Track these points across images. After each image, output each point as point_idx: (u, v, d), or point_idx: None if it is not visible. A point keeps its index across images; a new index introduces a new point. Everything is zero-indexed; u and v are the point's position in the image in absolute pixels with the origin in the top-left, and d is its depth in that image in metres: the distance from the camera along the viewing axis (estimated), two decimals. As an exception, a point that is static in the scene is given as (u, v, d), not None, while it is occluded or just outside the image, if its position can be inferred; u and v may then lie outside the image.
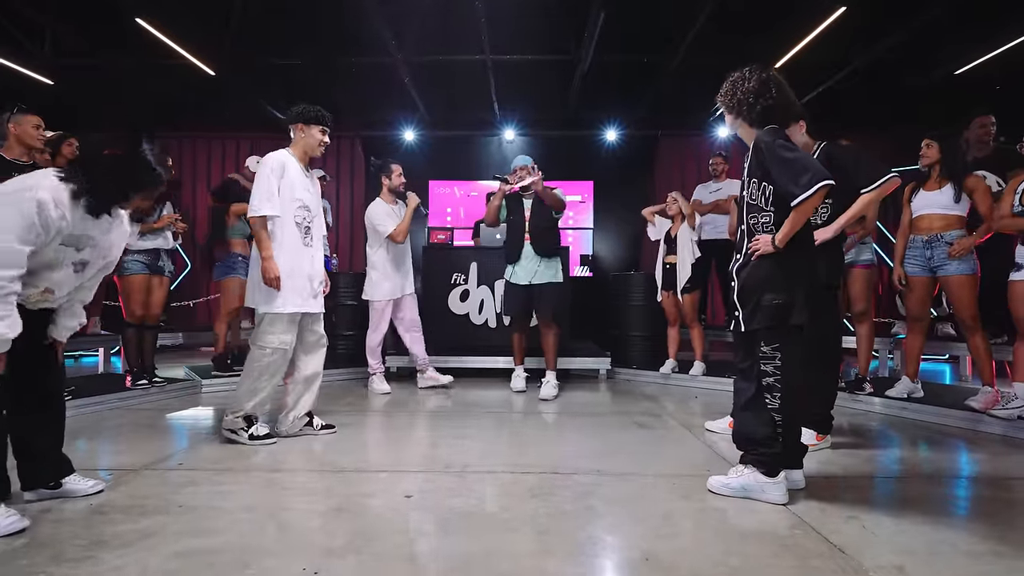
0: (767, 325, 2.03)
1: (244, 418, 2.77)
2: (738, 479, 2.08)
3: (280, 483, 2.21)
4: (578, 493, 2.11)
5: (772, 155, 2.00)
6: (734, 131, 2.22)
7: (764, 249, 2.03)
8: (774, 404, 2.03)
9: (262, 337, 2.79)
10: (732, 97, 2.11)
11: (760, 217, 2.09)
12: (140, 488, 2.14)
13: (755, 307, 2.05)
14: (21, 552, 1.61)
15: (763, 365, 2.04)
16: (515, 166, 4.10)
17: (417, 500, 2.03)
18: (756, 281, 2.06)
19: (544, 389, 4.06)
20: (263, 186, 2.77)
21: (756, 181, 2.10)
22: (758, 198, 2.10)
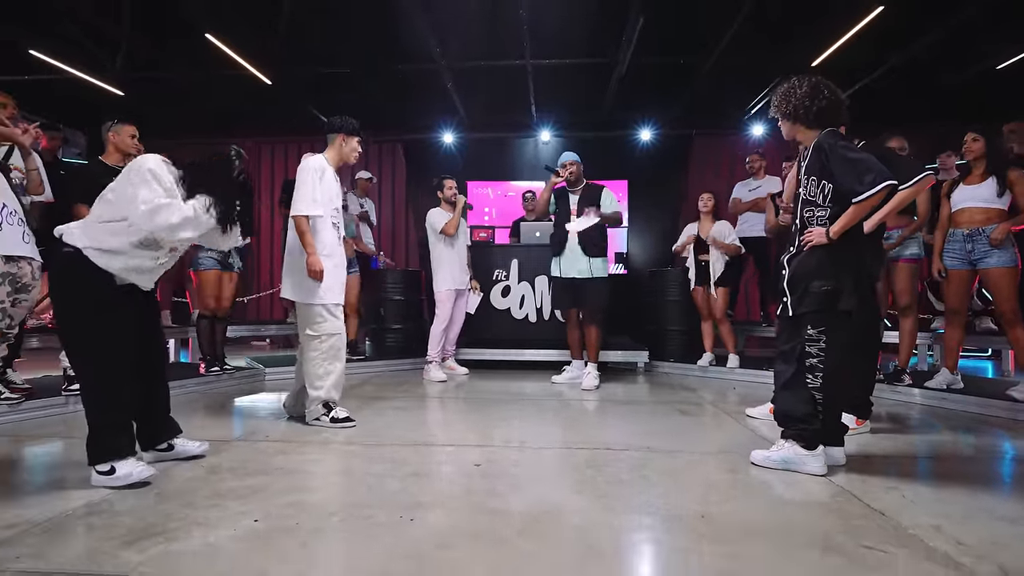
0: (814, 309, 2.18)
1: (323, 404, 2.98)
2: (779, 452, 2.25)
3: (359, 455, 2.45)
4: (631, 465, 2.30)
5: (836, 156, 2.15)
6: (791, 137, 2.36)
7: (817, 240, 2.20)
8: (815, 384, 2.18)
9: (316, 326, 2.97)
10: (788, 104, 2.28)
11: (816, 212, 2.25)
12: (238, 455, 2.41)
13: (803, 293, 2.21)
14: (157, 500, 1.88)
15: (808, 347, 2.19)
16: (563, 161, 4.31)
17: (485, 468, 2.24)
18: (806, 269, 2.22)
19: (586, 380, 4.24)
20: (307, 188, 2.95)
21: (815, 179, 2.25)
22: (816, 195, 2.25)
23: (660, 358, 5.27)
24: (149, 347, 2.29)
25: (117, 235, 2.08)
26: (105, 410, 2.05)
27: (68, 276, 2.07)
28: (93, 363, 2.06)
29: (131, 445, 2.08)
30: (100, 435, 2.03)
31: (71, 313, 2.08)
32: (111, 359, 2.06)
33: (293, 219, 2.99)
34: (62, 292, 2.09)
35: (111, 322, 2.07)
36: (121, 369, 2.08)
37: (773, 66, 6.28)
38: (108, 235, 2.08)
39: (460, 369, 4.92)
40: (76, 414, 3.20)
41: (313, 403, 2.99)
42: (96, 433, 2.03)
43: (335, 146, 3.13)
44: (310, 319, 3.00)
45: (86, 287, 2.06)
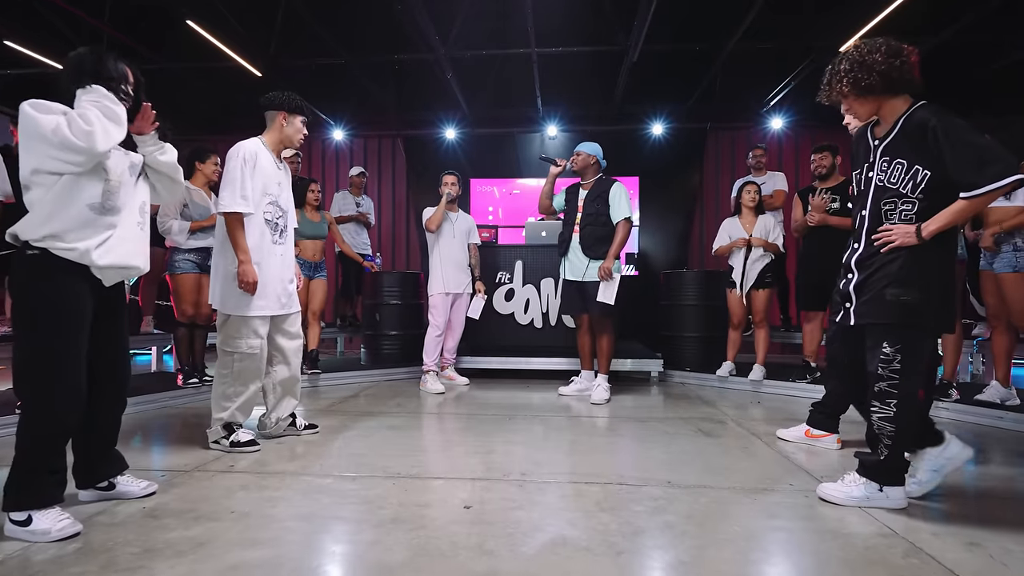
0: (887, 322, 1.82)
1: (223, 426, 2.62)
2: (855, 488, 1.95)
3: (331, 491, 2.11)
4: (651, 508, 1.94)
5: (953, 135, 1.74)
6: (869, 115, 1.96)
7: (903, 240, 1.81)
8: (885, 413, 1.82)
9: (230, 341, 2.61)
10: (868, 72, 1.84)
11: (900, 205, 1.85)
12: (192, 491, 2.08)
13: (876, 301, 1.85)
14: (73, 559, 1.54)
15: (879, 368, 1.83)
16: (581, 150, 3.96)
17: (477, 511, 1.89)
18: (884, 273, 1.85)
19: (595, 393, 3.88)
20: (234, 179, 2.55)
21: (903, 164, 1.85)
22: (901, 182, 1.85)
23: (676, 367, 4.89)
24: (113, 366, 1.96)
25: (67, 202, 1.74)
26: (40, 447, 1.71)
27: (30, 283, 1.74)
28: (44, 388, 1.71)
29: (59, 493, 1.75)
30: (24, 476, 1.69)
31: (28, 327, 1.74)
32: (65, 385, 1.73)
33: (222, 216, 2.58)
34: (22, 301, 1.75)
35: (75, 338, 1.75)
36: (73, 399, 1.75)
37: (794, 54, 5.89)
38: (61, 209, 1.73)
39: (460, 379, 4.58)
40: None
41: (215, 423, 2.63)
42: (19, 472, 1.70)
43: (275, 126, 2.75)
44: (228, 332, 2.63)
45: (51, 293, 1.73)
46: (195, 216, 3.81)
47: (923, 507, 1.96)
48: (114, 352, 1.97)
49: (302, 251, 4.34)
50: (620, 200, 3.80)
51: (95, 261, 1.77)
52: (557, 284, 5.01)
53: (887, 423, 1.84)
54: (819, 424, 2.76)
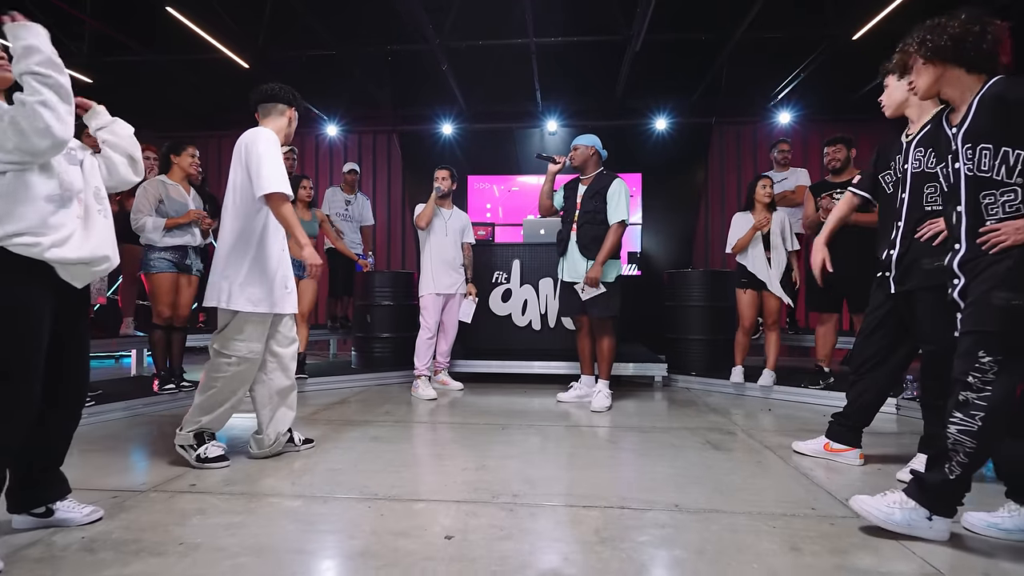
0: (990, 329, 1.60)
1: (195, 435, 2.40)
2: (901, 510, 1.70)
3: (298, 516, 1.89)
4: (657, 538, 1.71)
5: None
6: (924, 87, 1.80)
7: (1016, 238, 1.58)
8: (967, 426, 1.60)
9: (230, 344, 2.39)
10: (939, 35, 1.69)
11: (1000, 195, 1.64)
12: (142, 515, 1.85)
13: (978, 305, 1.63)
14: (-16, 605, 1.33)
15: (969, 376, 1.61)
16: (574, 144, 3.75)
17: (459, 543, 1.67)
18: (990, 274, 1.62)
19: (595, 400, 3.66)
20: (274, 160, 2.36)
21: (990, 148, 1.64)
22: (994, 169, 1.64)
23: (681, 371, 4.66)
24: (71, 377, 1.75)
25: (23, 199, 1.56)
26: None
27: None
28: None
29: None
30: None
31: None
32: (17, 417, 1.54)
33: (270, 198, 2.35)
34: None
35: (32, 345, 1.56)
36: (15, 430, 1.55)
37: (804, 44, 5.65)
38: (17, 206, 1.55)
39: (454, 384, 4.36)
40: None
41: (187, 427, 2.39)
42: None
43: (282, 121, 2.57)
44: (229, 333, 2.39)
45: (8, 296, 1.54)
46: (171, 212, 3.59)
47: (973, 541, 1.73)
48: (73, 362, 1.76)
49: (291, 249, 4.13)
50: (618, 200, 3.55)
51: (66, 256, 1.57)
52: (556, 284, 4.78)
53: (967, 437, 1.60)
54: (840, 437, 2.53)
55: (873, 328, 2.39)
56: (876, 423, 2.55)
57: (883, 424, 3.22)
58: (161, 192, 3.60)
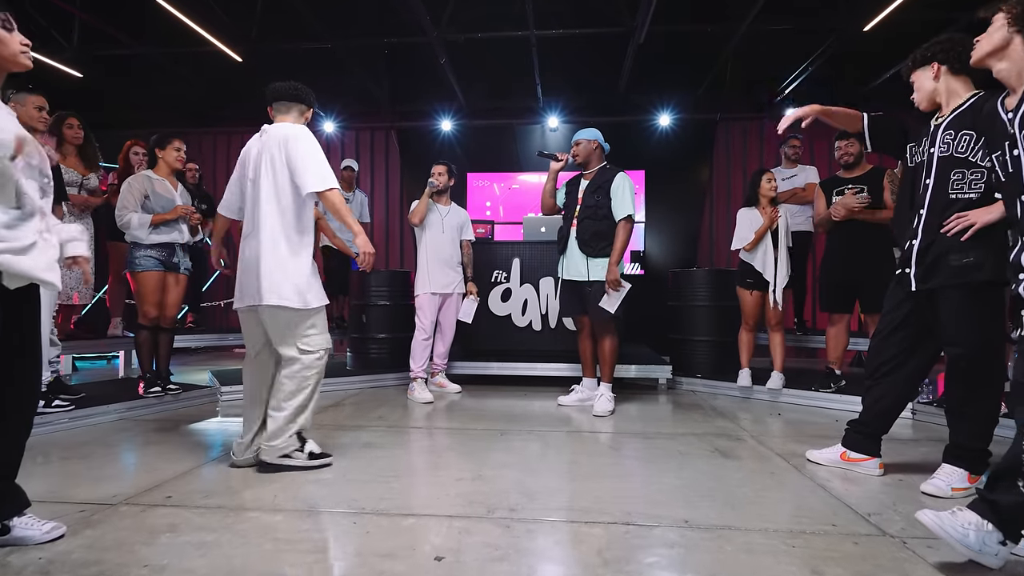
0: None
1: (297, 435, 2.35)
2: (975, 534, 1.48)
3: (279, 531, 1.75)
4: (665, 559, 1.57)
5: None
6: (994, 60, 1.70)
7: None
8: None
9: (311, 340, 2.37)
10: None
11: None
12: (108, 532, 1.71)
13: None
14: (-83, 640, 1.19)
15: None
16: (575, 139, 3.60)
17: (451, 565, 1.52)
18: None
19: (598, 404, 3.51)
20: (322, 156, 2.37)
21: None
22: None
23: (685, 373, 4.51)
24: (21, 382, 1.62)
25: None
26: None
27: None
28: None
29: None
30: None
31: None
32: None
33: (323, 195, 2.35)
34: None
35: None
36: None
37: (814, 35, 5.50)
38: None
39: (452, 386, 4.22)
40: None
41: (284, 434, 2.31)
42: None
43: (302, 120, 2.51)
44: (310, 329, 2.38)
45: None
46: (157, 208, 3.45)
47: (1003, 559, 1.59)
48: (23, 366, 1.62)
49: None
50: (623, 194, 3.41)
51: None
52: (557, 284, 4.64)
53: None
54: (857, 446, 2.38)
55: (892, 329, 2.25)
56: (892, 428, 2.40)
57: (899, 429, 3.06)
58: (147, 187, 3.46)
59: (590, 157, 3.57)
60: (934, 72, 2.10)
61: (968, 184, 2.01)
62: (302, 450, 2.34)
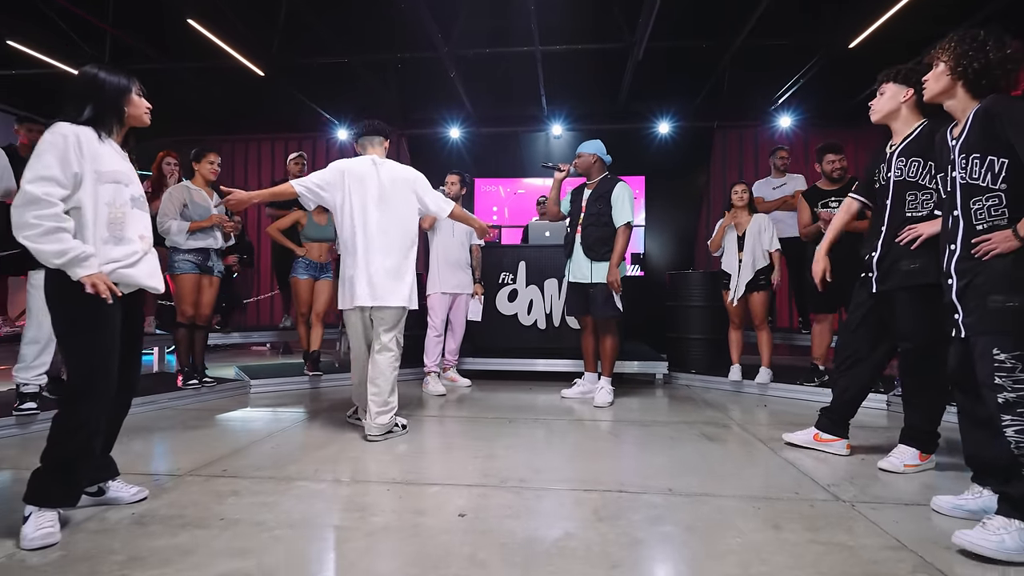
0: (999, 331, 1.70)
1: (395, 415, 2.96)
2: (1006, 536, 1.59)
3: (324, 496, 2.07)
4: (649, 517, 1.89)
5: (1018, 120, 1.70)
6: (941, 99, 1.93)
7: (1005, 246, 1.69)
8: (1020, 424, 1.66)
9: (401, 334, 3.01)
10: (972, 60, 1.80)
11: (986, 201, 1.77)
12: (183, 496, 2.04)
13: (979, 309, 1.75)
14: (56, 566, 1.51)
15: (995, 378, 1.70)
16: (578, 151, 3.91)
17: (472, 520, 1.84)
18: (985, 279, 1.75)
19: (598, 396, 3.83)
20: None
21: (978, 156, 1.78)
22: (982, 176, 1.78)
23: (681, 369, 4.82)
24: (128, 368, 1.94)
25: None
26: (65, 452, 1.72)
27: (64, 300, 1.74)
28: (84, 400, 1.73)
29: (66, 496, 1.74)
30: (43, 477, 1.70)
31: (77, 339, 1.76)
32: (96, 398, 1.74)
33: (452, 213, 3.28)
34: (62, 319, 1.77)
35: (111, 351, 1.77)
36: (100, 410, 1.76)
37: (803, 51, 5.80)
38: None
39: (462, 381, 4.54)
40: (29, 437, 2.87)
41: (388, 414, 2.90)
42: (42, 473, 1.71)
43: (382, 148, 3.17)
44: (402, 325, 3.02)
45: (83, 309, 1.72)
46: (194, 216, 3.78)
47: (934, 517, 1.89)
48: (132, 354, 1.96)
49: (308, 252, 4.34)
50: (623, 202, 3.71)
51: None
52: (561, 285, 4.96)
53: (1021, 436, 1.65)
54: (828, 428, 2.69)
55: (856, 325, 2.56)
56: (867, 418, 2.71)
57: (874, 419, 3.37)
58: (185, 197, 3.79)
59: (590, 169, 3.88)
60: (906, 96, 2.38)
61: (920, 204, 2.32)
62: (398, 424, 2.99)
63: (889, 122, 2.46)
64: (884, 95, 2.45)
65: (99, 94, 1.84)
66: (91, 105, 1.81)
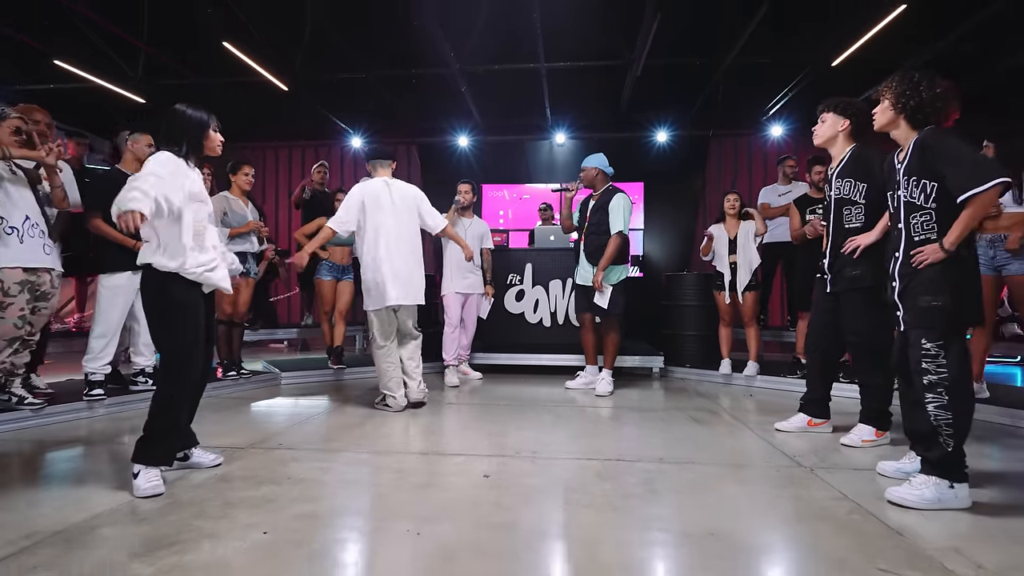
0: (927, 326, 2.07)
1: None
2: (925, 490, 1.98)
3: (370, 463, 2.47)
4: (642, 478, 2.28)
5: (946, 151, 2.05)
6: (888, 130, 2.28)
7: (934, 257, 2.05)
8: (939, 400, 2.02)
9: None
10: (910, 98, 2.16)
11: (921, 216, 2.13)
12: (252, 463, 2.44)
13: (914, 307, 2.11)
14: (168, 510, 1.91)
15: (922, 362, 2.06)
16: (582, 166, 4.30)
17: (495, 479, 2.24)
18: (918, 283, 2.11)
19: (600, 385, 4.22)
20: None
21: (916, 179, 2.14)
22: (918, 196, 2.14)
23: (676, 363, 5.21)
24: (205, 355, 2.34)
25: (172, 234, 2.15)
26: (161, 423, 2.11)
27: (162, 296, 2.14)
28: (175, 381, 2.14)
29: (165, 457, 2.15)
30: (147, 442, 2.11)
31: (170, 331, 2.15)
32: (187, 378, 2.16)
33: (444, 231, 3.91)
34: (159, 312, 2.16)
35: (196, 341, 2.18)
36: (189, 388, 2.19)
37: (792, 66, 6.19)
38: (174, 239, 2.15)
39: (474, 374, 4.93)
40: (98, 419, 3.28)
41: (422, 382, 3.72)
42: (145, 439, 2.11)
43: (390, 169, 3.77)
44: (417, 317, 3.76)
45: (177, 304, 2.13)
46: (233, 223, 4.18)
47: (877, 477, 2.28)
48: (209, 342, 2.36)
49: (331, 255, 4.73)
50: (616, 212, 4.09)
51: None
52: (565, 286, 5.36)
53: (943, 410, 2.02)
54: (815, 413, 3.05)
55: (818, 321, 2.96)
56: (844, 404, 3.09)
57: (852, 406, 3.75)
58: (225, 206, 4.19)
59: (595, 181, 4.27)
60: (843, 127, 2.78)
61: (854, 216, 2.75)
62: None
63: (827, 147, 2.86)
64: (825, 123, 2.81)
65: (186, 129, 2.24)
66: (185, 139, 2.21)
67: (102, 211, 3.22)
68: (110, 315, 3.35)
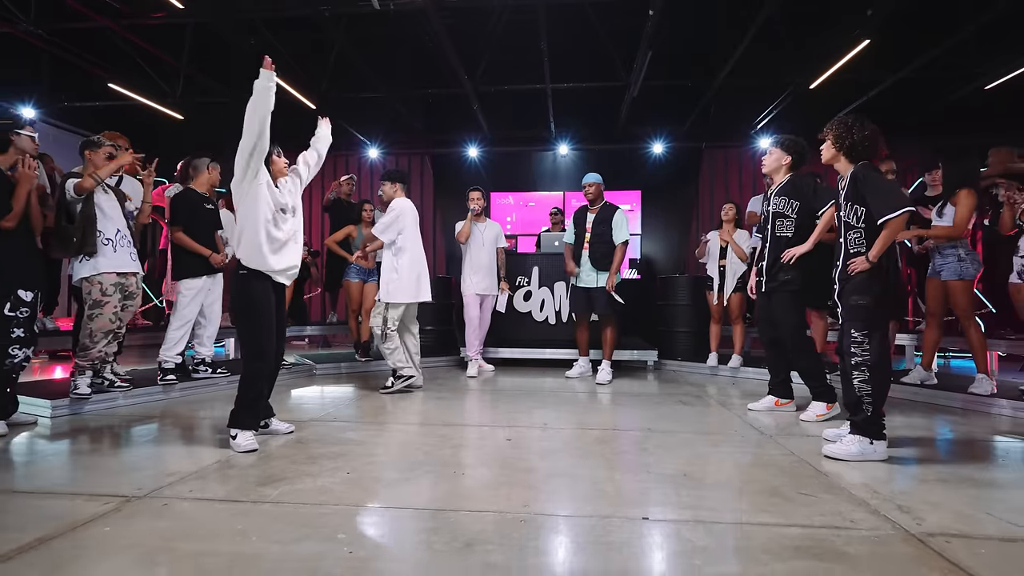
0: (855, 319, 2.63)
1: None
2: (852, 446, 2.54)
3: (412, 432, 3.03)
4: (633, 441, 2.84)
5: (869, 184, 2.61)
6: (832, 163, 2.82)
7: (862, 267, 2.61)
8: (863, 376, 2.58)
9: None
10: (845, 139, 2.72)
11: (853, 234, 2.69)
12: (317, 432, 3.00)
13: (846, 305, 2.68)
14: (265, 460, 2.47)
15: (851, 347, 2.63)
16: (584, 182, 4.86)
17: (515, 442, 2.80)
18: (850, 286, 2.67)
19: (600, 375, 4.78)
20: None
21: (851, 204, 2.70)
22: (852, 218, 2.69)
23: (669, 357, 5.77)
24: (278, 342, 2.90)
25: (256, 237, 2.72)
26: (249, 395, 2.68)
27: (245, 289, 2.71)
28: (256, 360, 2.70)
29: (253, 422, 2.72)
30: (239, 411, 2.67)
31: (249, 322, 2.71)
32: (266, 360, 2.72)
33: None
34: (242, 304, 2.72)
35: (270, 329, 2.74)
36: (267, 368, 2.75)
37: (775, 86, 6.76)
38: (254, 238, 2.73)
39: (487, 367, 5.47)
40: (172, 400, 3.85)
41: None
42: (237, 408, 2.68)
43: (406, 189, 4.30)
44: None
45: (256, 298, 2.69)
46: None
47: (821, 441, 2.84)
48: (279, 330, 2.92)
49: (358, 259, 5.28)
50: (620, 225, 4.69)
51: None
52: (568, 287, 5.92)
53: (865, 384, 2.58)
54: (780, 394, 3.63)
55: (762, 317, 3.53)
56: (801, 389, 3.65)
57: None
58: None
59: (597, 196, 4.84)
60: (786, 161, 3.42)
61: (785, 227, 3.40)
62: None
63: (771, 175, 3.53)
64: (772, 156, 3.50)
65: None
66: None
67: (183, 225, 3.80)
68: (186, 312, 3.92)
